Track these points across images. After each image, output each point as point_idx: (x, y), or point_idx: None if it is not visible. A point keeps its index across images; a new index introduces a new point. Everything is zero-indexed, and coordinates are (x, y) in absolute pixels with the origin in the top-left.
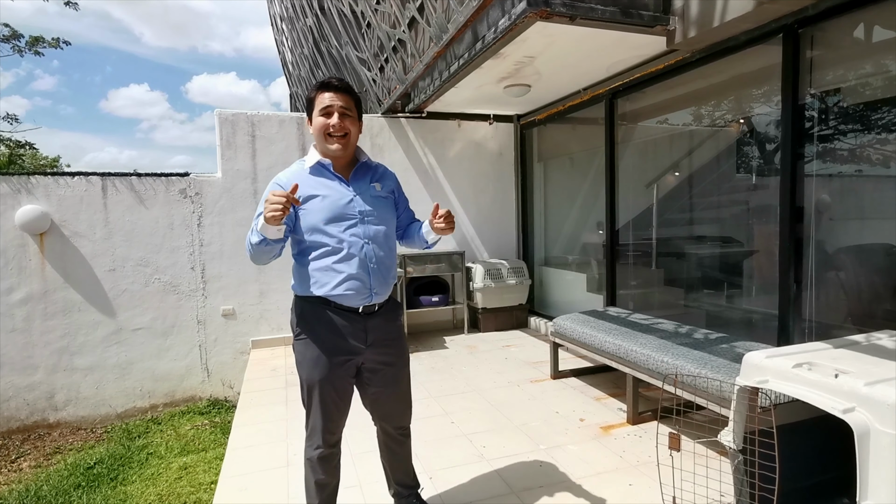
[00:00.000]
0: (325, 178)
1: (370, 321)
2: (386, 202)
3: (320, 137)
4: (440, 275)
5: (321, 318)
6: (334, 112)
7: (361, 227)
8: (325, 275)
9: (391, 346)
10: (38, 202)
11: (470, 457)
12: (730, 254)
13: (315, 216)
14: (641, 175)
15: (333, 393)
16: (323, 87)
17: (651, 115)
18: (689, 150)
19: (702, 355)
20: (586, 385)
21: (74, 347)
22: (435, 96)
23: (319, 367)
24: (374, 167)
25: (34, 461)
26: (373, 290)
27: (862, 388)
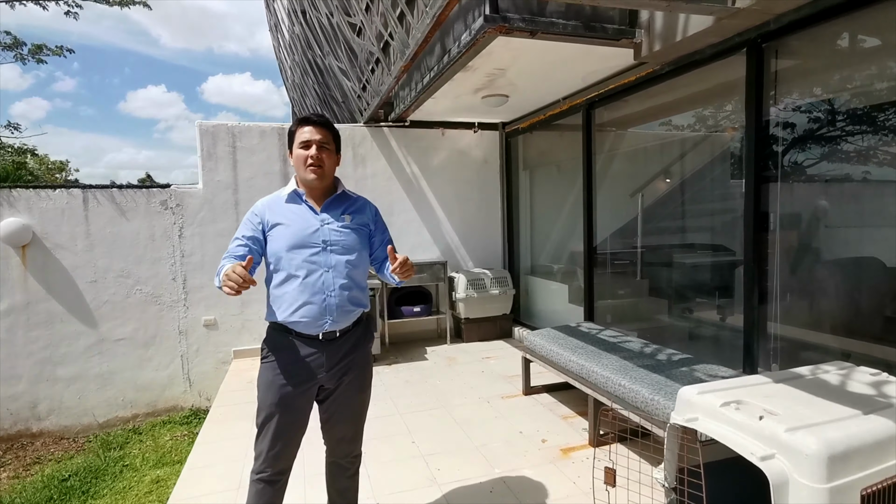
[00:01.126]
0: (297, 205)
1: (330, 347)
2: (355, 233)
3: (300, 167)
4: (423, 284)
5: (283, 343)
6: (312, 145)
7: (323, 255)
8: (283, 300)
9: (350, 374)
10: (19, 215)
11: (422, 480)
12: (711, 264)
13: (279, 242)
14: (625, 184)
15: (288, 420)
16: (303, 121)
17: (628, 125)
18: (671, 159)
19: (659, 379)
20: (556, 402)
21: (57, 358)
22: (414, 106)
23: (275, 391)
24: (353, 199)
25: (13, 471)
26: (329, 317)
27: (783, 433)
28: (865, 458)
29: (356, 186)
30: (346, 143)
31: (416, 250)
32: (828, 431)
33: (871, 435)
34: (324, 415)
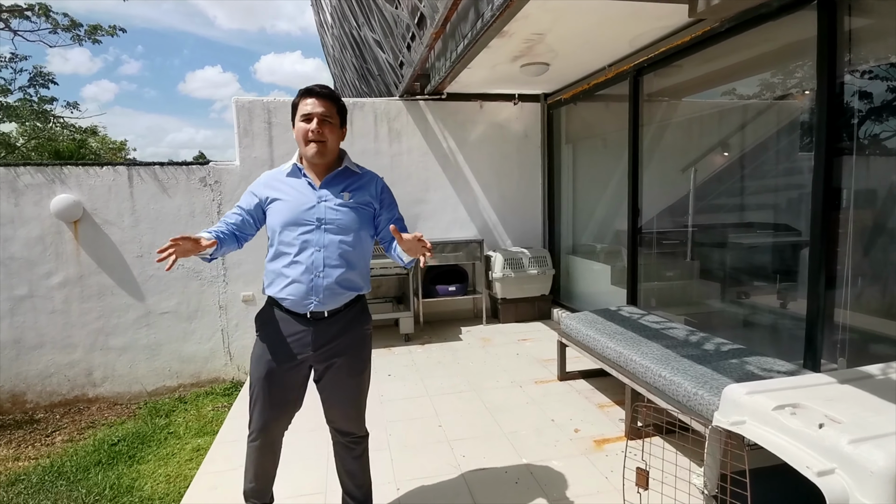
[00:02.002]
0: (296, 179)
1: (318, 326)
2: (354, 212)
3: (301, 142)
4: (459, 263)
5: (272, 318)
6: (314, 118)
7: (317, 233)
8: (275, 276)
9: (342, 355)
10: (70, 191)
11: (445, 467)
12: (772, 245)
13: (275, 217)
14: (676, 158)
15: (275, 394)
16: (306, 93)
17: (680, 93)
18: (729, 130)
19: (705, 372)
20: (593, 389)
21: (109, 328)
22: (449, 77)
23: (263, 364)
24: (358, 176)
25: (68, 435)
26: (315, 298)
27: (845, 445)
28: None
29: (391, 162)
30: (381, 117)
31: (452, 228)
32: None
33: None
34: (321, 395)
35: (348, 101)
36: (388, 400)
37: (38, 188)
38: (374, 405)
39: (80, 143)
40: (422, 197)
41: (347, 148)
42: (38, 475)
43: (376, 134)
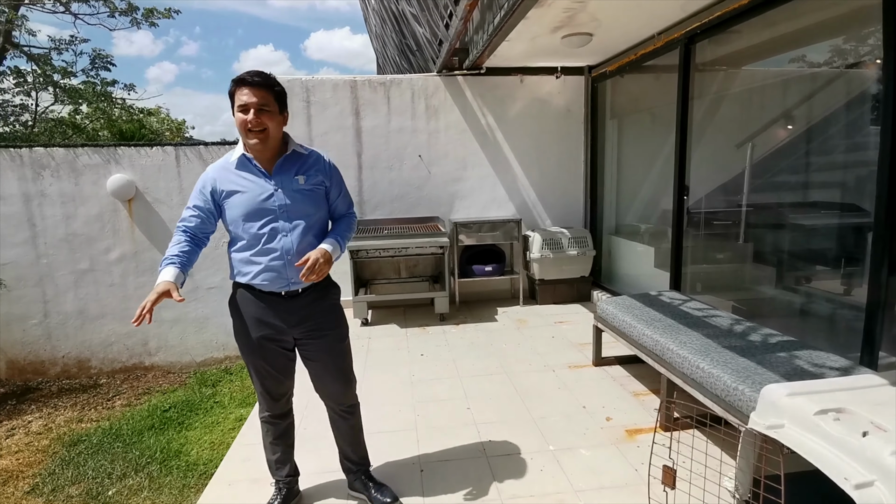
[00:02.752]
0: (248, 172)
1: (294, 303)
2: (310, 194)
3: (241, 132)
4: (496, 243)
5: (247, 301)
6: (250, 108)
7: (281, 220)
8: (244, 265)
9: (319, 326)
10: (124, 171)
11: (471, 451)
12: (838, 227)
13: (235, 211)
14: (730, 133)
15: (265, 367)
16: (239, 82)
17: (738, 62)
18: (791, 102)
19: (748, 365)
20: (629, 376)
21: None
22: (488, 51)
23: (248, 344)
24: (305, 157)
25: (126, 400)
26: (290, 279)
27: (887, 457)
28: None
29: (428, 140)
30: (418, 94)
31: (489, 207)
32: None
33: None
34: (310, 372)
35: (385, 79)
36: (418, 380)
37: (95, 168)
38: (405, 385)
39: (139, 123)
40: (459, 175)
41: (384, 126)
42: (98, 436)
43: (413, 111)
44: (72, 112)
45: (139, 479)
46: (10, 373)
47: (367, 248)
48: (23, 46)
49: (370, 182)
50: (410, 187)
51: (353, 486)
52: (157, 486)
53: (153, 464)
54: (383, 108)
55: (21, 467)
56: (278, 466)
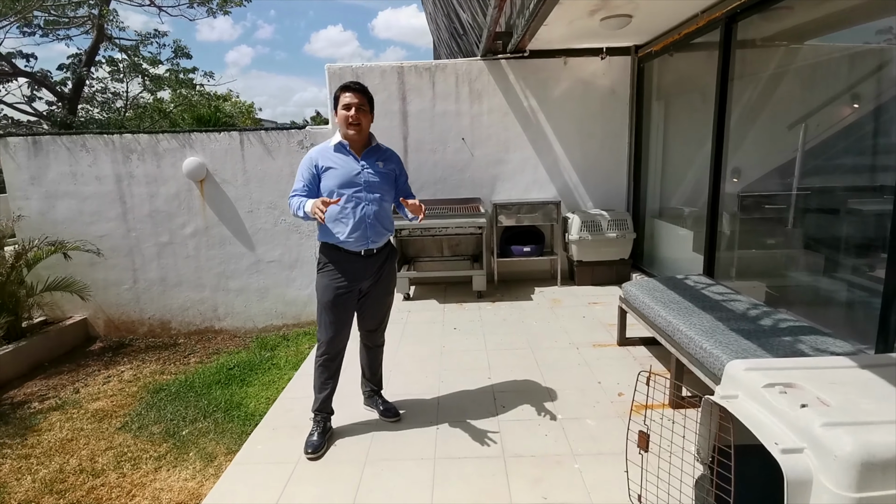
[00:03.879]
0: (343, 154)
1: (369, 261)
2: (387, 176)
3: (342, 125)
4: (536, 224)
5: (334, 258)
6: (352, 107)
7: (364, 192)
8: (335, 226)
9: (382, 280)
10: (197, 155)
11: (484, 415)
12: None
13: (331, 181)
14: (781, 113)
15: (339, 313)
16: (344, 88)
17: (784, 39)
18: (848, 80)
19: (748, 347)
20: (650, 356)
21: (229, 273)
22: (528, 35)
23: (331, 292)
24: (383, 150)
25: (199, 358)
26: (370, 239)
27: (818, 427)
28: None
29: (471, 123)
30: (462, 79)
31: (531, 189)
32: (877, 433)
33: None
34: (361, 311)
35: (430, 64)
36: (447, 351)
37: (173, 152)
38: (434, 355)
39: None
40: (501, 157)
41: (429, 111)
42: (176, 387)
43: (457, 95)
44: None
45: (207, 424)
46: (108, 330)
47: (409, 227)
48: (114, 39)
49: (415, 165)
50: (453, 169)
51: (368, 402)
52: (220, 430)
53: (218, 412)
54: (428, 93)
55: (114, 408)
56: (322, 403)
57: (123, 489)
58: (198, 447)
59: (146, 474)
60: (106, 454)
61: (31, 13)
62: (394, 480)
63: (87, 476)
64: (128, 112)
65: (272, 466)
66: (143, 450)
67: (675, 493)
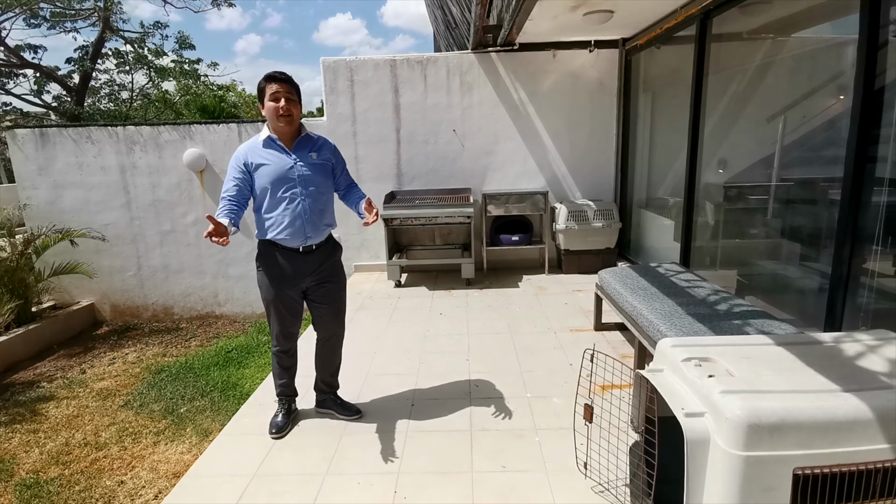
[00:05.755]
0: (273, 149)
1: (308, 257)
2: (322, 167)
3: (272, 117)
4: (524, 214)
5: (272, 255)
6: (281, 97)
7: (299, 187)
8: (270, 223)
9: (326, 275)
10: (196, 146)
11: (458, 393)
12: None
13: (264, 179)
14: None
15: (283, 309)
16: (269, 79)
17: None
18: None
19: (699, 329)
20: (623, 341)
21: (228, 260)
22: (515, 29)
23: (272, 291)
24: (315, 139)
25: (200, 342)
26: (307, 235)
27: (716, 394)
28: (811, 437)
29: (462, 115)
30: (453, 71)
31: (520, 179)
32: (767, 400)
33: (829, 414)
34: (315, 310)
35: (422, 57)
36: (431, 336)
37: (174, 143)
38: (418, 339)
39: (220, 98)
40: (491, 149)
41: (421, 103)
42: (176, 368)
43: (448, 88)
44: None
45: (204, 402)
46: (114, 315)
47: (400, 216)
48: (120, 31)
49: (408, 156)
50: (445, 160)
51: (323, 404)
52: (216, 408)
53: (215, 392)
54: (420, 86)
55: (118, 388)
56: (283, 388)
57: (124, 461)
58: (195, 423)
59: (146, 448)
60: (109, 429)
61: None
62: (367, 450)
63: (91, 449)
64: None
65: (256, 438)
66: (143, 425)
67: (614, 460)
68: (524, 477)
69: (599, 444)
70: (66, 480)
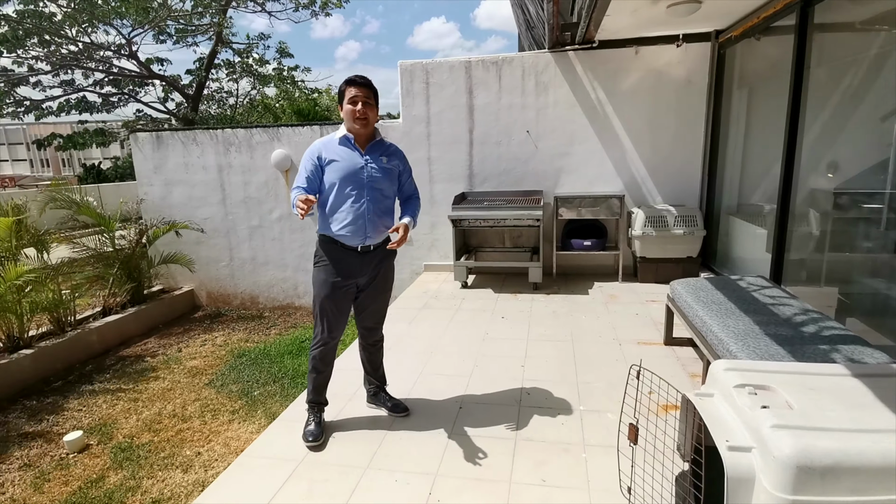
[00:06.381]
0: (347, 147)
1: (366, 257)
2: (389, 172)
3: (348, 119)
4: (598, 218)
5: (331, 252)
6: (359, 101)
7: (366, 187)
8: (333, 219)
9: (378, 277)
10: (283, 147)
11: (508, 400)
12: None
13: (334, 174)
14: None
15: (334, 306)
16: (349, 83)
17: (874, 22)
18: None
19: (778, 352)
20: (696, 359)
21: (307, 255)
22: (592, 26)
23: (328, 286)
24: (388, 145)
25: (279, 331)
26: (367, 235)
27: (766, 428)
28: (868, 482)
29: (536, 116)
30: (528, 72)
31: (596, 182)
32: (823, 439)
33: (890, 458)
34: (359, 307)
35: (497, 58)
36: (490, 339)
37: (264, 145)
38: (476, 341)
39: (314, 102)
40: (566, 150)
41: (495, 104)
42: (255, 354)
43: (523, 88)
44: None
45: (275, 388)
46: (209, 301)
47: (468, 217)
48: (230, 43)
49: (480, 157)
50: (517, 162)
51: (372, 400)
52: (285, 394)
53: (286, 378)
54: (494, 87)
55: (205, 367)
56: (315, 395)
57: (203, 434)
58: (265, 407)
59: (222, 424)
60: (194, 404)
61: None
62: (408, 449)
63: (178, 420)
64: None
65: None
66: (222, 404)
67: (659, 488)
68: (563, 494)
69: (644, 468)
70: (154, 447)
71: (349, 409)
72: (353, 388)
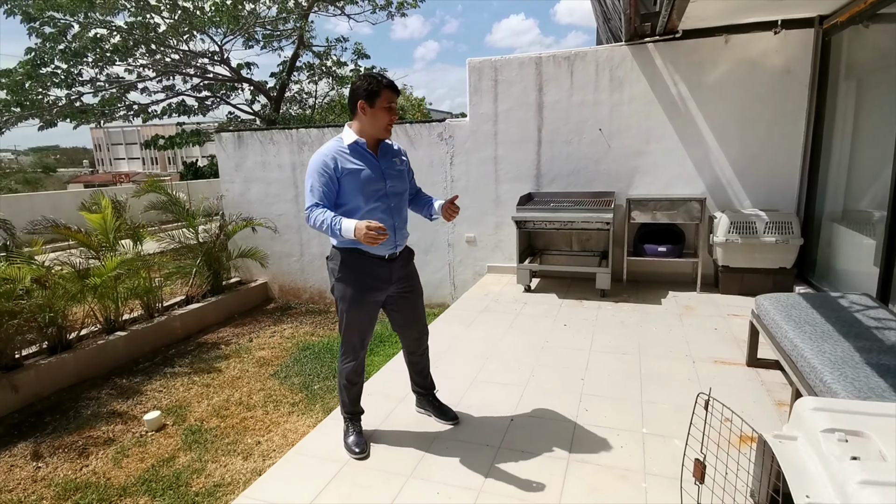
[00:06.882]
0: (362, 154)
1: (394, 264)
2: (404, 174)
3: (378, 125)
4: (675, 223)
5: (357, 264)
6: (394, 109)
7: (390, 194)
8: None
9: (408, 283)
10: None
11: (563, 416)
12: None
13: (354, 184)
14: None
15: (365, 318)
16: (391, 87)
17: None
18: None
19: (878, 385)
20: (783, 384)
21: None
22: (675, 14)
23: (357, 298)
24: (395, 147)
25: (328, 329)
26: (396, 242)
27: (853, 484)
28: None
29: (610, 113)
30: (602, 66)
31: (674, 183)
32: None
33: None
34: (397, 319)
35: (569, 53)
36: (549, 347)
37: None
38: (534, 349)
39: None
40: (641, 149)
41: (566, 101)
42: (319, 348)
43: (596, 84)
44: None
45: (333, 383)
46: (280, 294)
47: (533, 219)
48: (311, 46)
49: (548, 156)
50: (588, 161)
51: (421, 405)
52: None
53: None
54: (566, 83)
55: (272, 358)
56: (352, 406)
57: (265, 424)
58: (323, 402)
59: (282, 415)
60: (258, 394)
61: (253, 28)
62: (454, 460)
63: (243, 408)
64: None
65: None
66: (284, 395)
67: None
68: None
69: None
70: (220, 432)
71: (398, 412)
72: (404, 391)
